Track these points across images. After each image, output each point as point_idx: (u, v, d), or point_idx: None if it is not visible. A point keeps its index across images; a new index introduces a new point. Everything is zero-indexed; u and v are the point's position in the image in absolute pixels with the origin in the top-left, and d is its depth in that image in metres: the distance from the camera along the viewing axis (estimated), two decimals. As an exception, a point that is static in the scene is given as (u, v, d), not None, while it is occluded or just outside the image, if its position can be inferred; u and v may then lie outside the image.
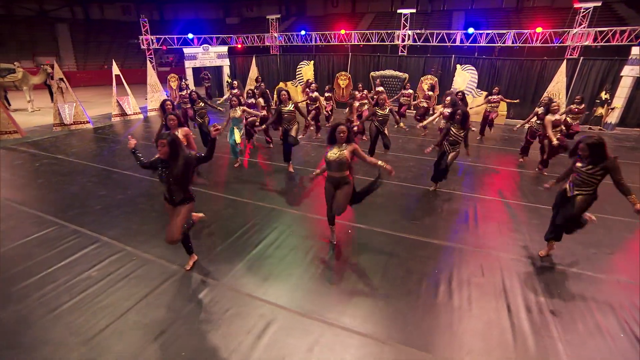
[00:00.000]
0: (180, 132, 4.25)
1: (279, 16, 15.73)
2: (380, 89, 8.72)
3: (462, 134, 4.80)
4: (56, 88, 13.24)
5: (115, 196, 5.29)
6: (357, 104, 8.31)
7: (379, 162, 3.40)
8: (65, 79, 9.73)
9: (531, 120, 6.38)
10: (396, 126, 6.58)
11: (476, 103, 9.49)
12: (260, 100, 7.39)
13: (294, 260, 3.60)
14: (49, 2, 25.61)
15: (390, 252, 3.75)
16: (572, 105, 6.95)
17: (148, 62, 11.49)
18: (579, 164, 3.14)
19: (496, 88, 8.22)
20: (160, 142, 2.89)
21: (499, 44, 12.76)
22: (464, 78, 10.71)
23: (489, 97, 8.17)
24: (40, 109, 12.95)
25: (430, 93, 9.50)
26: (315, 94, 8.53)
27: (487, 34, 12.70)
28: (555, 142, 5.24)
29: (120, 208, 4.87)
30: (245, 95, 8.06)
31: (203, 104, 6.90)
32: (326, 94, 9.08)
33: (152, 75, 11.74)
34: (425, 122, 6.04)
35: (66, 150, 7.79)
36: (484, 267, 3.46)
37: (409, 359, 2.45)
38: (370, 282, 3.25)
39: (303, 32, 14.82)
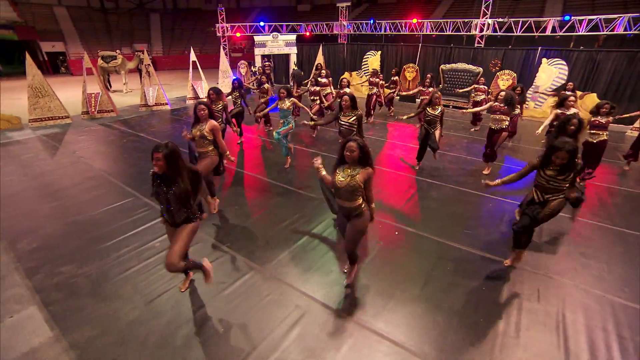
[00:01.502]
0: (207, 126, 3.95)
1: (349, 3, 15.48)
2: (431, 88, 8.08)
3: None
4: (145, 72, 14.99)
5: (183, 175, 5.85)
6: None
7: (373, 205, 2.84)
8: (151, 65, 10.88)
9: None
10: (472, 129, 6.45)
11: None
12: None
13: (335, 257, 3.63)
14: (146, -6, 28.71)
15: (436, 260, 3.56)
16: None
17: (221, 49, 12.29)
18: (549, 173, 2.92)
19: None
20: (155, 155, 2.42)
21: (605, 32, 10.89)
22: (550, 74, 9.40)
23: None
24: (132, 90, 14.77)
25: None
26: (325, 80, 8.18)
27: (591, 20, 10.92)
28: None
29: (186, 186, 5.38)
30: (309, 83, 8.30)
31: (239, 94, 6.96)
32: (393, 78, 8.96)
33: (223, 62, 12.54)
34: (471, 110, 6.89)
35: (147, 129, 8.81)
36: (540, 293, 3.10)
37: (440, 377, 2.34)
38: (411, 290, 3.14)
39: (372, 21, 14.39)
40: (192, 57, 11.57)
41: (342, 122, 4.50)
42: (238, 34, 15.93)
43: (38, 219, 4.37)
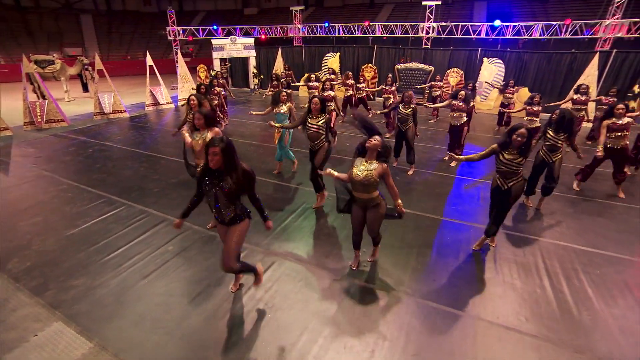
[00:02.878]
0: (210, 135, 3.60)
1: (302, 7, 15.85)
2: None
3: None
4: (89, 78, 13.82)
5: (169, 180, 5.69)
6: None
7: (399, 201, 2.99)
8: (101, 70, 10.14)
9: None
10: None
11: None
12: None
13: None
14: (73, -7, 26.18)
15: (437, 232, 4.03)
16: (602, 96, 7.04)
17: (179, 52, 11.86)
18: (507, 156, 3.23)
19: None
20: (212, 150, 2.33)
21: (525, 37, 12.66)
22: (491, 71, 10.72)
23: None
24: (75, 99, 13.50)
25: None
26: (315, 84, 8.30)
27: (514, 26, 12.61)
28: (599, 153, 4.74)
29: (177, 191, 5.26)
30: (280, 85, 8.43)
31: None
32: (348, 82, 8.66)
33: (182, 66, 12.11)
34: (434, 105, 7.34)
35: (111, 137, 8.24)
36: (523, 249, 3.73)
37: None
38: (425, 257, 3.54)
39: (326, 24, 14.93)
40: (149, 61, 11.00)
41: (311, 125, 4.28)
42: (189, 39, 15.39)
43: (22, 236, 3.99)
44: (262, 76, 14.29)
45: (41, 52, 19.90)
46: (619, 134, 4.66)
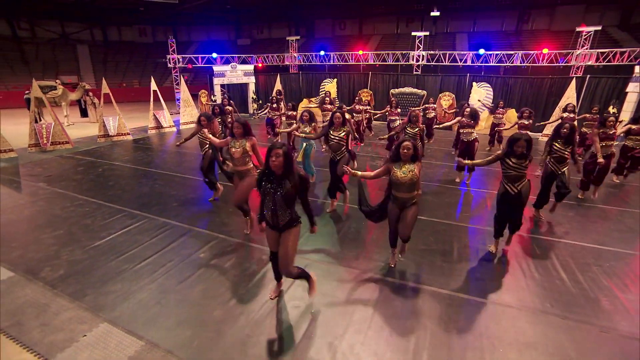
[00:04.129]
0: (248, 142, 3.84)
1: (298, 37, 16.76)
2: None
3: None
4: (90, 103, 13.98)
5: (187, 195, 5.81)
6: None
7: (420, 192, 3.31)
8: (94, 96, 10.36)
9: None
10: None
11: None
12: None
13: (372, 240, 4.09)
14: (70, 25, 26.78)
15: (454, 237, 4.27)
16: (587, 114, 7.69)
17: (181, 78, 12.24)
18: (514, 160, 3.49)
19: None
20: (275, 151, 2.46)
21: (507, 64, 13.70)
22: (480, 94, 11.51)
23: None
24: (74, 123, 13.55)
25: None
26: (329, 106, 8.76)
27: (497, 55, 13.66)
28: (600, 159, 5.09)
29: (196, 205, 5.38)
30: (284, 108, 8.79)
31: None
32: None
33: (184, 91, 12.45)
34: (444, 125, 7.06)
35: (119, 158, 8.33)
36: (540, 250, 3.99)
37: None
38: (449, 260, 3.75)
39: (322, 53, 15.77)
40: (153, 86, 11.33)
41: (333, 137, 4.68)
42: (189, 66, 15.92)
43: (48, 247, 4.01)
44: (260, 101, 14.77)
45: (37, 79, 20.01)
46: (609, 142, 5.13)
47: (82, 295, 3.16)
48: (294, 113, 8.07)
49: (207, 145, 5.28)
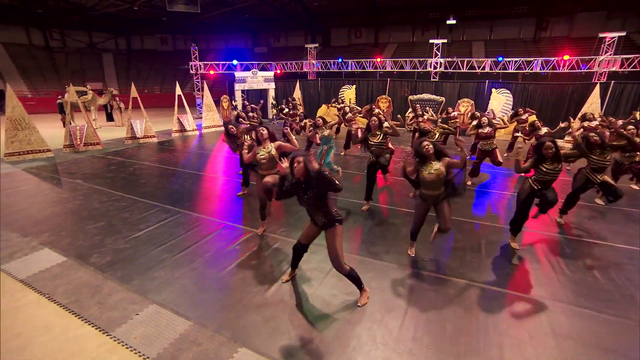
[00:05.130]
0: (273, 146, 3.98)
1: (317, 45, 17.11)
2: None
3: None
4: (116, 107, 14.57)
5: (216, 192, 6.03)
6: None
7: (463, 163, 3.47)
8: (124, 102, 10.82)
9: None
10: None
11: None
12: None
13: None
14: (97, 35, 28.07)
15: (476, 235, 4.32)
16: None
17: (204, 84, 12.66)
18: (547, 166, 3.55)
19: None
20: (297, 159, 2.65)
21: (527, 70, 13.64)
22: (499, 101, 11.49)
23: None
24: (101, 127, 14.12)
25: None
26: (350, 114, 8.99)
27: (515, 61, 13.63)
28: None
29: (226, 202, 5.58)
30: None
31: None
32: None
33: (207, 96, 12.87)
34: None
35: (147, 158, 8.67)
36: (580, 252, 4.00)
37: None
38: (471, 257, 3.81)
39: (340, 60, 16.04)
40: (178, 91, 11.76)
41: (372, 143, 4.78)
42: (212, 72, 16.44)
43: (93, 237, 4.25)
44: (279, 107, 15.07)
45: (65, 86, 21.02)
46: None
47: (129, 279, 3.36)
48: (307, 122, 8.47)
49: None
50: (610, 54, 11.95)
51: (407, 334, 2.64)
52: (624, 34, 11.86)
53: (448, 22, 19.46)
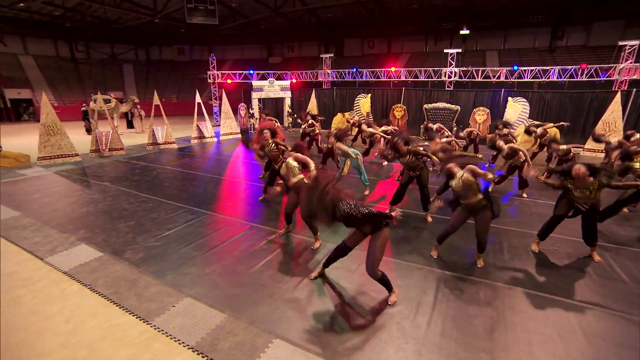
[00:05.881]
0: (291, 159, 4.14)
1: (332, 55, 17.44)
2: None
3: None
4: (137, 115, 15.08)
5: (239, 196, 6.20)
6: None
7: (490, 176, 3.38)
8: (144, 109, 11.22)
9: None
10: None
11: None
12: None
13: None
14: (118, 46, 29.24)
15: (503, 238, 4.33)
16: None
17: (223, 92, 13.03)
18: (579, 194, 3.50)
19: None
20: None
21: (543, 79, 13.59)
22: (516, 109, 11.46)
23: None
24: (122, 133, 14.63)
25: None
26: (312, 121, 9.06)
27: (531, 70, 13.61)
28: None
29: (249, 205, 5.73)
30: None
31: None
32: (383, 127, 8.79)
33: (225, 104, 13.22)
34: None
35: (169, 163, 8.96)
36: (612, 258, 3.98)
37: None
38: (493, 259, 3.83)
39: (354, 69, 16.30)
40: (198, 99, 12.15)
41: (405, 162, 4.81)
42: (229, 81, 16.89)
43: (125, 235, 4.45)
44: (295, 115, 15.36)
45: (88, 95, 22.03)
46: None
47: (163, 274, 3.51)
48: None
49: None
50: (631, 62, 11.82)
51: (435, 329, 2.69)
52: (645, 41, 11.74)
53: (461, 32, 19.55)
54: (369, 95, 14.03)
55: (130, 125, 17.14)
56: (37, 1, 17.89)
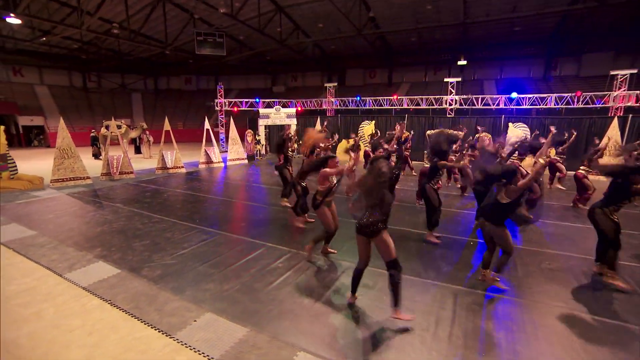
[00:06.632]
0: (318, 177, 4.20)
1: (335, 84, 18.13)
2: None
3: None
4: (146, 141, 15.46)
5: (251, 217, 6.28)
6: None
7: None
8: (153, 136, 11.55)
9: None
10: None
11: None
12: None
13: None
14: (128, 77, 30.48)
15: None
16: None
17: (231, 119, 13.45)
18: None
19: None
20: None
21: (541, 106, 14.04)
22: (517, 135, 11.76)
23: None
24: (130, 158, 14.92)
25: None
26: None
27: (529, 98, 14.09)
28: None
29: (262, 226, 5.80)
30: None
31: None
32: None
33: (233, 130, 13.60)
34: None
35: (179, 186, 9.11)
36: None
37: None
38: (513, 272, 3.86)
39: (358, 97, 16.89)
40: (207, 125, 12.53)
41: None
42: (236, 109, 17.46)
43: (141, 253, 4.49)
44: (300, 141, 15.71)
45: (97, 122, 22.80)
46: None
47: (182, 291, 3.54)
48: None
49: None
50: (624, 90, 12.30)
51: (458, 342, 2.69)
52: (635, 71, 12.28)
53: (459, 62, 20.45)
54: (373, 121, 14.45)
55: (137, 150, 17.53)
56: (57, 36, 18.91)
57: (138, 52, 23.98)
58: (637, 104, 12.12)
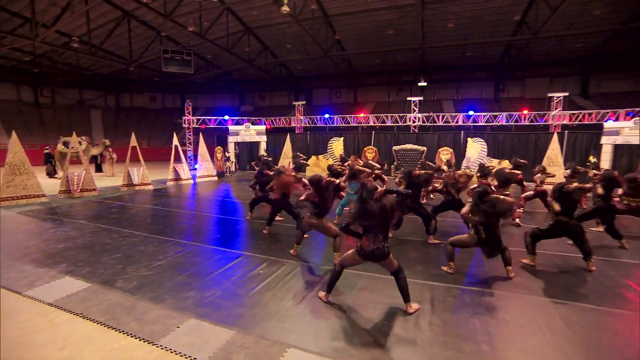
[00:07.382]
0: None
1: (304, 102, 18.57)
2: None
3: None
4: (109, 158, 14.73)
5: (227, 230, 6.20)
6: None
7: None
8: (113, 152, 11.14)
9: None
10: None
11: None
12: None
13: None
14: (87, 92, 29.01)
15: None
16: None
17: (200, 135, 13.25)
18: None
19: None
20: None
21: (494, 123, 15.36)
22: (475, 149, 12.75)
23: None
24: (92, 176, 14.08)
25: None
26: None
27: (484, 116, 15.37)
28: None
29: (239, 237, 5.76)
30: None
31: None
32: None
33: (202, 146, 13.37)
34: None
35: (147, 202, 8.75)
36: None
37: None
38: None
39: (327, 115, 17.40)
40: (175, 141, 12.24)
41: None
42: (204, 126, 17.23)
43: (113, 266, 4.27)
44: (270, 159, 15.75)
45: (49, 140, 21.40)
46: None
47: (161, 300, 3.42)
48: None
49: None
50: (559, 110, 13.86)
51: (437, 329, 2.87)
52: (567, 94, 13.97)
53: (420, 84, 21.86)
54: (342, 138, 14.93)
55: (99, 169, 16.57)
56: (5, 47, 17.72)
57: (98, 67, 23.04)
58: (570, 122, 13.69)
